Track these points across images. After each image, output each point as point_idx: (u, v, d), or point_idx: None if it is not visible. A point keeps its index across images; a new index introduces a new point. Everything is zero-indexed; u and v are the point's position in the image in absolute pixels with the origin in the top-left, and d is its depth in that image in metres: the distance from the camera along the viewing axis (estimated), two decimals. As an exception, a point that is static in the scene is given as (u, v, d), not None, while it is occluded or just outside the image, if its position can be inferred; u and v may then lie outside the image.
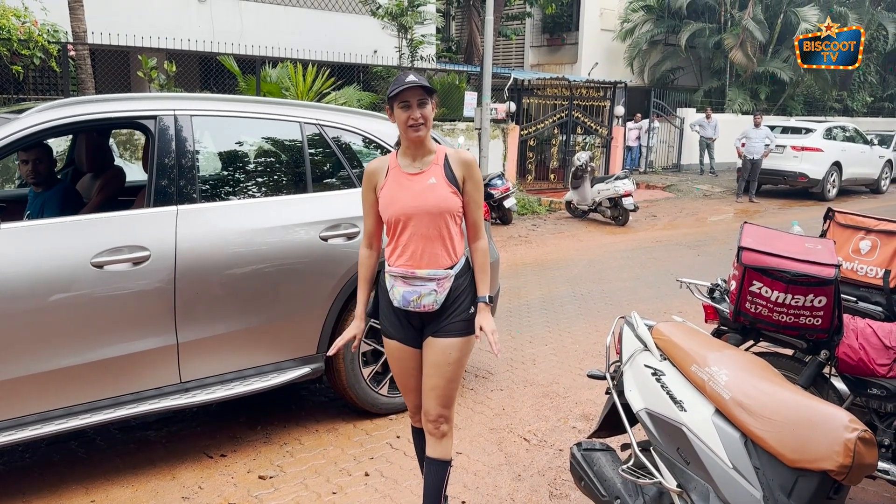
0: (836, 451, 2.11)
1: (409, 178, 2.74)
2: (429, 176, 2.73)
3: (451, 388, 2.81)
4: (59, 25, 9.42)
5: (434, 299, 2.72)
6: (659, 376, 2.66)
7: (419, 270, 2.71)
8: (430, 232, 2.71)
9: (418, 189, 2.71)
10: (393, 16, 13.24)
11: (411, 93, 2.64)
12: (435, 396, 2.79)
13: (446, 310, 2.76)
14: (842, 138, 16.47)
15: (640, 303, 6.93)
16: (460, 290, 2.77)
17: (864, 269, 3.69)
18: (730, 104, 21.92)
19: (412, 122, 2.65)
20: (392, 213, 2.73)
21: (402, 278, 2.74)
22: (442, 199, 2.70)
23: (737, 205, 14.92)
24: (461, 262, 2.80)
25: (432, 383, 2.79)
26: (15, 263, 3.13)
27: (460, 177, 2.75)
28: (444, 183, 2.72)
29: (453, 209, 2.73)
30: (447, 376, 2.77)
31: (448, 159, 2.77)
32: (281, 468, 3.69)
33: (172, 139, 3.63)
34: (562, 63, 23.25)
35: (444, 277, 2.72)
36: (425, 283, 2.71)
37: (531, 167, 15.45)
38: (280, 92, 10.86)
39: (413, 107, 2.64)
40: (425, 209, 2.69)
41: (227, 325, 3.65)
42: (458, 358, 2.78)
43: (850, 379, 3.17)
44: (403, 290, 2.73)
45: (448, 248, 2.74)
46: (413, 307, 2.74)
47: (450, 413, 2.84)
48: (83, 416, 3.30)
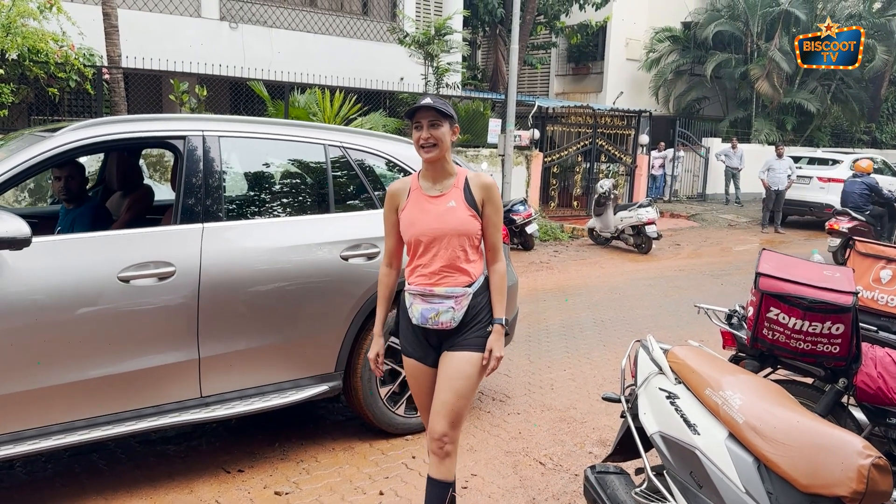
0: (849, 476, 2.10)
1: (430, 200, 2.80)
2: (449, 199, 2.79)
3: (460, 406, 2.78)
4: (94, 49, 9.70)
5: (451, 317, 2.76)
6: (673, 399, 2.67)
7: (437, 288, 2.76)
8: (449, 252, 2.76)
9: (438, 212, 2.77)
10: (420, 44, 13.44)
11: (423, 114, 2.72)
12: (444, 413, 2.77)
13: (464, 326, 2.80)
14: (870, 170, 16.29)
15: (661, 330, 6.89)
16: (479, 308, 2.81)
17: (884, 299, 3.67)
18: (756, 134, 21.82)
19: (422, 141, 2.73)
20: (412, 234, 2.80)
21: (420, 296, 2.79)
22: (461, 222, 2.76)
23: (762, 235, 14.81)
24: (480, 280, 2.84)
25: (443, 398, 2.78)
26: (45, 276, 3.22)
27: (480, 200, 2.81)
28: (463, 206, 2.78)
29: (471, 232, 2.78)
30: (459, 391, 2.77)
31: (468, 183, 2.82)
32: (297, 485, 3.72)
33: (200, 159, 3.73)
34: (587, 92, 23.38)
35: (461, 295, 2.77)
36: (443, 301, 2.76)
37: (554, 194, 15.49)
38: (307, 117, 11.05)
39: (424, 127, 2.72)
40: (444, 231, 2.75)
41: (249, 342, 3.71)
42: (471, 373, 2.78)
43: (869, 408, 3.14)
44: (422, 308, 2.78)
45: (466, 268, 2.79)
46: (431, 324, 2.78)
47: (456, 434, 2.82)
48: (105, 428, 3.36)
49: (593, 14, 20.15)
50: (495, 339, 2.80)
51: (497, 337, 2.81)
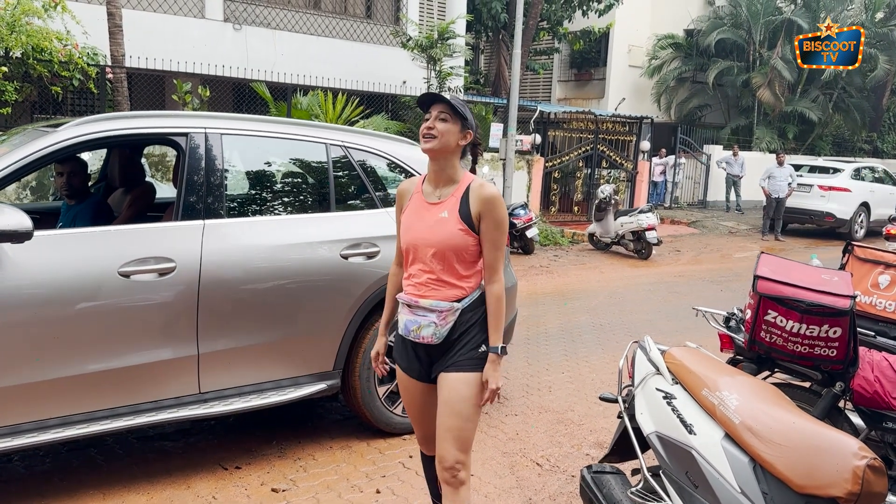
0: (844, 477, 2.10)
1: (427, 207, 2.67)
2: (443, 209, 2.63)
3: (466, 430, 2.62)
4: (98, 49, 9.73)
5: (433, 332, 2.61)
6: (670, 400, 2.67)
7: (422, 300, 2.63)
8: (437, 265, 2.61)
9: (430, 221, 2.63)
10: (423, 48, 13.46)
11: (435, 105, 2.62)
12: (449, 438, 2.61)
13: (454, 345, 2.64)
14: (870, 179, 16.34)
15: (660, 335, 6.88)
16: (470, 325, 2.64)
17: (882, 304, 3.68)
18: (757, 142, 21.86)
19: (425, 130, 2.60)
20: (405, 242, 2.69)
21: (407, 306, 2.68)
22: (448, 235, 2.59)
23: (762, 242, 14.81)
24: (472, 296, 2.66)
25: (446, 424, 2.62)
26: (46, 270, 3.23)
27: (475, 213, 2.60)
28: (454, 219, 2.60)
29: (460, 247, 2.60)
30: (460, 414, 2.60)
31: (468, 193, 2.62)
32: (294, 482, 3.72)
33: (202, 156, 3.74)
34: (589, 98, 23.41)
35: (446, 310, 2.61)
36: (426, 314, 2.62)
37: (555, 199, 15.51)
38: (310, 119, 11.07)
39: (432, 118, 2.60)
40: (431, 243, 2.60)
41: (248, 339, 3.72)
42: (469, 394, 2.61)
43: (866, 412, 3.15)
44: (406, 319, 2.67)
45: (456, 282, 2.63)
46: (413, 337, 2.66)
47: (467, 458, 2.66)
48: (104, 422, 3.37)
49: (596, 20, 20.19)
50: (491, 370, 2.59)
51: (493, 367, 2.59)
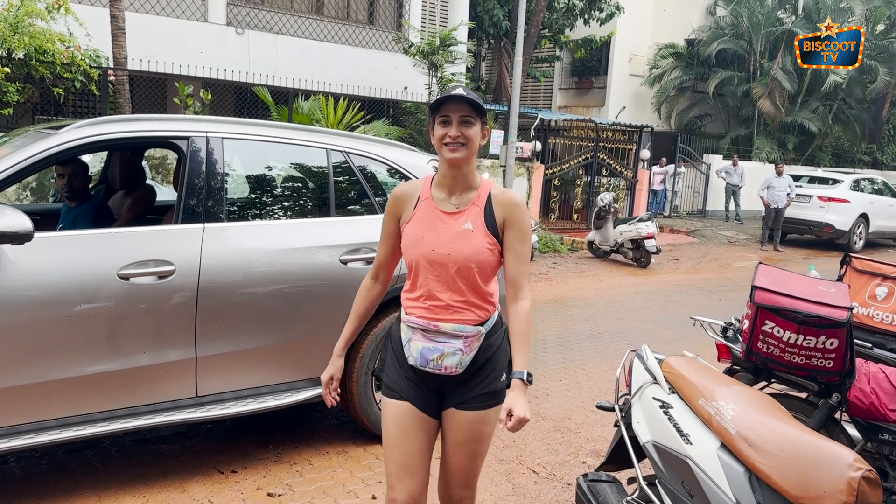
0: (839, 489, 2.11)
1: (443, 217, 2.30)
2: (465, 219, 2.28)
3: (477, 467, 2.39)
4: (101, 51, 9.76)
5: (458, 361, 2.26)
6: (666, 409, 2.68)
7: (443, 325, 2.27)
8: (458, 284, 2.27)
9: (451, 233, 2.27)
10: (424, 54, 13.51)
11: (454, 107, 2.21)
12: (459, 479, 2.37)
13: (474, 375, 2.30)
14: (870, 190, 16.37)
15: (658, 343, 6.90)
16: (492, 351, 2.33)
17: (879, 316, 3.69)
18: (757, 152, 21.91)
19: (448, 139, 2.21)
20: (414, 256, 2.30)
21: (421, 332, 2.29)
22: (476, 251, 2.26)
23: (761, 252, 14.83)
24: (494, 316, 2.36)
25: (457, 464, 2.35)
26: (46, 271, 3.24)
27: (500, 221, 2.29)
28: (481, 231, 2.28)
29: (486, 263, 2.29)
30: (477, 455, 2.36)
31: (491, 200, 2.31)
32: (290, 487, 3.72)
33: (203, 160, 3.75)
34: (589, 106, 23.47)
35: (472, 335, 2.27)
36: (449, 341, 2.26)
37: (555, 206, 15.55)
38: (311, 123, 11.10)
39: (453, 124, 2.21)
40: (454, 259, 2.25)
41: (246, 342, 3.72)
42: (488, 433, 2.35)
43: (862, 424, 3.16)
44: (422, 347, 2.28)
45: (480, 302, 2.31)
46: (433, 367, 2.27)
47: (474, 493, 2.44)
48: (101, 424, 3.37)
49: (598, 29, 20.24)
50: (516, 397, 2.18)
51: (520, 394, 2.19)
